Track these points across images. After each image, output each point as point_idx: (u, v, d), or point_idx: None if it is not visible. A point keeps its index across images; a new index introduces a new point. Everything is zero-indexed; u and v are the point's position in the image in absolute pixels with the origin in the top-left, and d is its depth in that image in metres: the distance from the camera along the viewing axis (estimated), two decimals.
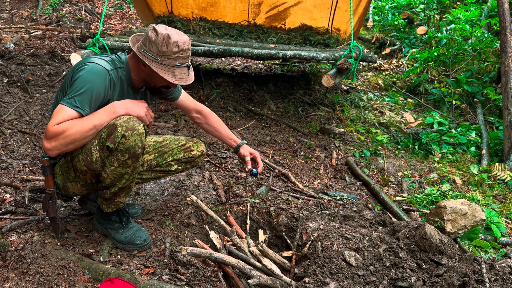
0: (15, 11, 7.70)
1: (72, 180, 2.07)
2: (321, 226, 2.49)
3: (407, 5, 8.76)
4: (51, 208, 2.08)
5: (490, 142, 4.10)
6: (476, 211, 2.52)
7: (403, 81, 6.33)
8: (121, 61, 2.08)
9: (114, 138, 1.86)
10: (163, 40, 1.94)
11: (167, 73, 1.98)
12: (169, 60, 1.98)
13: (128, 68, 2.09)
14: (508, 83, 3.98)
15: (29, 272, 1.94)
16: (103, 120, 1.88)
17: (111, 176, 1.97)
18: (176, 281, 1.96)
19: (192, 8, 6.17)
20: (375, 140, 4.29)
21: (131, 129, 1.88)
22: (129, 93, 2.13)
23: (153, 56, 1.96)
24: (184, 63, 2.03)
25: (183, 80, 2.04)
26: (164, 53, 1.96)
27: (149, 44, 1.96)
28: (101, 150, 1.89)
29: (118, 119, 1.90)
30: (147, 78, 2.08)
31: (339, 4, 5.71)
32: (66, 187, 2.11)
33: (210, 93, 4.99)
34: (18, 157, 3.19)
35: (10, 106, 4.01)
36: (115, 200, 2.12)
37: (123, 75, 2.07)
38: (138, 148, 1.93)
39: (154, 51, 1.96)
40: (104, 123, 1.89)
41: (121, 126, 1.87)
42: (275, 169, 3.37)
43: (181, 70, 2.03)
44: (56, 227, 2.16)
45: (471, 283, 1.93)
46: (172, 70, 2.00)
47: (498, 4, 4.23)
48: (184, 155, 2.43)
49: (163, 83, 2.08)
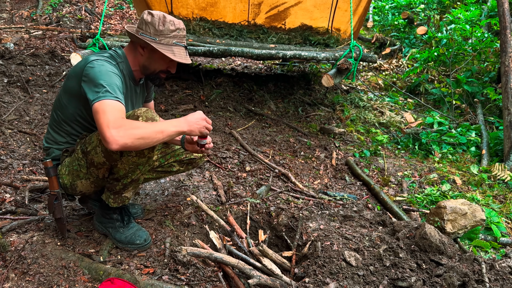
0: (15, 11, 7.70)
1: (82, 178, 2.06)
2: (321, 226, 2.49)
3: (407, 5, 8.76)
4: (57, 209, 2.09)
5: (490, 142, 4.10)
6: (476, 211, 2.52)
7: (403, 81, 6.33)
8: (119, 56, 2.10)
9: None
10: (159, 20, 1.99)
11: (167, 51, 2.00)
12: (167, 38, 2.01)
13: (127, 60, 2.10)
14: (508, 83, 3.98)
15: (29, 272, 1.94)
16: (170, 127, 1.86)
17: (126, 166, 1.97)
18: (176, 281, 1.96)
19: (192, 8, 6.18)
20: (375, 140, 4.29)
21: (150, 118, 1.90)
22: (131, 86, 2.15)
23: (151, 37, 1.99)
24: (181, 42, 2.07)
25: (182, 58, 2.06)
26: (162, 31, 1.99)
27: (145, 26, 2.00)
28: None
29: (137, 110, 1.92)
30: (146, 63, 2.09)
31: (339, 4, 5.71)
32: (74, 186, 2.10)
33: (210, 93, 4.99)
34: (18, 157, 3.19)
35: (10, 106, 4.01)
36: (123, 194, 2.12)
37: (124, 69, 2.08)
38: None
39: (152, 32, 1.99)
40: (171, 131, 1.85)
41: (141, 116, 1.89)
42: (275, 169, 3.37)
43: (180, 49, 2.06)
44: (63, 228, 2.17)
45: (471, 283, 1.93)
46: (171, 49, 2.03)
47: (498, 4, 4.23)
48: (186, 156, 2.44)
49: (162, 66, 2.10)
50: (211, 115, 4.47)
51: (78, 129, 2.08)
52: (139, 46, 2.06)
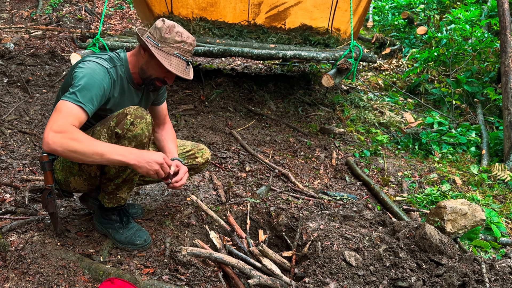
0: (15, 11, 7.70)
1: (75, 174, 2.06)
2: (321, 226, 2.49)
3: (407, 5, 8.76)
4: (50, 203, 2.06)
5: (490, 142, 4.10)
6: (476, 211, 2.52)
7: (403, 81, 6.33)
8: (120, 59, 2.09)
9: (124, 125, 1.89)
10: (167, 28, 1.99)
11: (164, 59, 1.98)
12: (169, 47, 2.00)
13: (127, 64, 2.09)
14: (508, 83, 3.98)
15: (29, 272, 1.94)
16: (113, 154, 1.76)
17: (116, 165, 1.97)
18: (176, 281, 1.96)
19: (192, 8, 6.18)
20: (375, 140, 4.29)
21: (139, 117, 1.91)
22: (130, 90, 2.14)
23: (154, 42, 1.99)
24: (184, 56, 2.04)
25: (179, 71, 2.02)
26: (166, 39, 1.98)
27: (154, 31, 2.01)
28: (110, 138, 1.91)
29: (127, 108, 1.92)
30: (143, 66, 2.07)
31: (339, 4, 5.71)
32: (67, 182, 2.09)
33: (210, 93, 4.99)
34: (18, 157, 3.19)
35: (10, 106, 4.01)
36: (117, 195, 2.12)
37: (123, 72, 2.07)
38: (145, 137, 1.95)
39: (157, 37, 1.99)
40: (112, 158, 1.76)
41: (130, 114, 1.90)
42: (275, 169, 3.37)
43: (180, 62, 2.03)
44: (56, 223, 2.15)
45: (471, 283, 1.93)
46: (170, 58, 2.00)
47: (498, 4, 4.23)
48: (188, 162, 2.43)
49: (158, 74, 2.07)
50: (211, 115, 4.48)
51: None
52: (142, 48, 2.06)
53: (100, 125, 1.95)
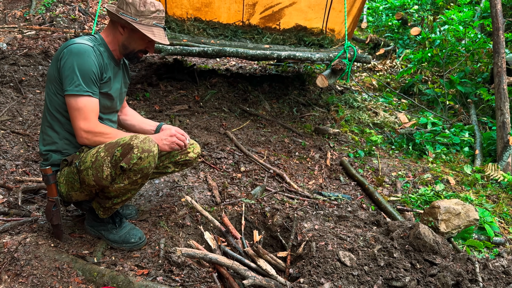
0: (8, 11, 7.64)
1: (76, 190, 2.06)
2: (316, 226, 2.49)
3: (401, 6, 8.81)
4: (55, 216, 2.08)
5: (483, 142, 4.13)
6: (470, 211, 2.54)
7: (397, 82, 6.36)
8: (97, 39, 2.12)
9: (130, 160, 1.85)
10: (140, 1, 2.03)
11: (147, 32, 2.05)
12: (147, 19, 2.06)
13: (105, 42, 2.13)
14: (501, 84, 4.01)
15: (22, 273, 1.92)
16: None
17: (117, 191, 1.98)
18: (171, 282, 1.96)
19: (187, 8, 6.16)
20: (369, 140, 4.30)
21: (147, 151, 1.87)
22: (111, 66, 2.15)
23: (132, 17, 2.03)
24: (161, 24, 2.12)
25: (162, 39, 2.11)
26: (143, 12, 2.04)
27: (126, 6, 2.03)
28: (113, 168, 1.88)
29: (134, 139, 1.88)
30: (125, 43, 2.12)
31: (333, 5, 5.73)
32: (69, 196, 2.10)
33: (205, 94, 4.98)
34: (11, 158, 3.17)
35: (3, 106, 3.98)
36: (113, 207, 2.12)
37: (102, 51, 2.10)
38: (151, 169, 1.94)
39: (132, 12, 2.03)
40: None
41: (137, 147, 1.86)
42: (270, 170, 3.37)
43: (159, 30, 2.12)
44: (60, 234, 2.16)
45: (464, 282, 1.94)
46: (151, 29, 2.07)
47: (491, 5, 4.27)
48: (181, 158, 2.44)
49: (141, 46, 2.15)
50: (205, 116, 4.47)
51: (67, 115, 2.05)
52: (120, 25, 2.09)
53: (104, 151, 1.90)
